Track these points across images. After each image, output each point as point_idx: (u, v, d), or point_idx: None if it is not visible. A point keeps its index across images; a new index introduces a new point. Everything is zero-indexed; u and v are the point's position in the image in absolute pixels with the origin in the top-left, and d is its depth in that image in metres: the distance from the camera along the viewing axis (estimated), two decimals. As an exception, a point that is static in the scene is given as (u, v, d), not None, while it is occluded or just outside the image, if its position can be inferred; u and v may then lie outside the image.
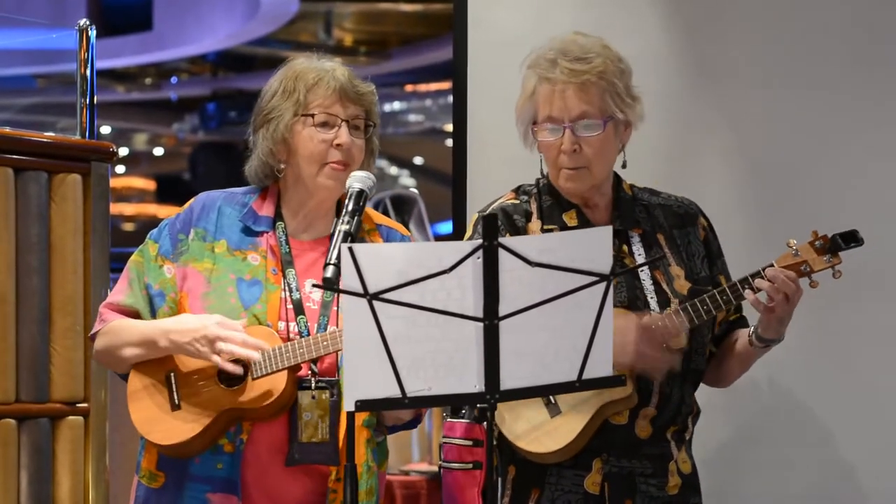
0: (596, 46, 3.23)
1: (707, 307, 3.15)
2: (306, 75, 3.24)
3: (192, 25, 14.51)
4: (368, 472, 3.18)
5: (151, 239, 3.30)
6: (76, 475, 4.06)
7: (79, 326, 4.06)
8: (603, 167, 3.24)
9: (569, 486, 3.20)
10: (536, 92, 3.23)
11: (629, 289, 3.22)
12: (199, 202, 3.31)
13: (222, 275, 3.20)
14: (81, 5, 13.41)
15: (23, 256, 3.99)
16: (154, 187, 16.21)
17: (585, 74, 3.18)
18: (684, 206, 3.36)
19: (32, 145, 4.08)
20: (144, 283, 3.24)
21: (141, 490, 3.25)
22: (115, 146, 4.28)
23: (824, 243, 3.15)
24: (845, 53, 3.97)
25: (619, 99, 3.21)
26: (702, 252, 3.32)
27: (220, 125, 15.35)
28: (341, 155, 3.20)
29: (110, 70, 14.57)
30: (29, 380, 3.99)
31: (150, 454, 3.22)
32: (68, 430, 4.06)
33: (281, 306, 3.18)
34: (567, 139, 3.19)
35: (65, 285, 4.06)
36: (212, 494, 3.13)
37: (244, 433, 3.13)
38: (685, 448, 3.28)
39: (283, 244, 3.24)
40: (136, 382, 3.20)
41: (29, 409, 3.99)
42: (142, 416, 3.18)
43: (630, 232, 3.28)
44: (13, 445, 3.95)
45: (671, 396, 3.22)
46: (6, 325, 3.94)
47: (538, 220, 3.28)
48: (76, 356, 4.07)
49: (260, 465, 3.14)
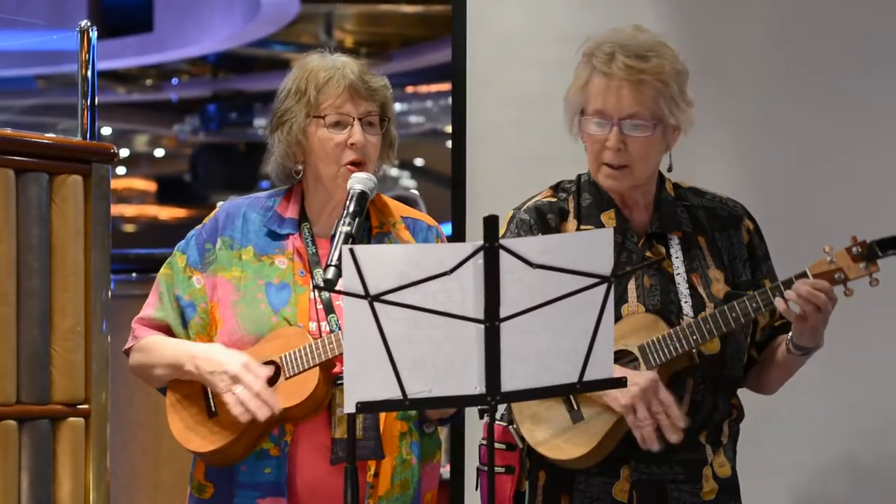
0: (656, 44, 3.17)
1: (735, 314, 3.09)
2: (317, 74, 3.23)
3: (193, 27, 14.51)
4: (403, 465, 3.18)
5: (179, 250, 3.31)
6: (77, 477, 4.06)
7: (80, 328, 4.05)
8: (645, 168, 3.19)
9: (597, 494, 3.17)
10: (590, 83, 3.17)
11: (663, 293, 3.17)
12: (223, 211, 3.32)
13: (251, 281, 3.21)
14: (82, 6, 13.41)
15: (23, 258, 3.99)
16: (155, 188, 16.20)
17: (643, 73, 3.13)
18: (728, 209, 3.30)
19: (33, 146, 4.07)
20: (175, 295, 3.26)
21: (192, 502, 3.27)
22: (116, 147, 4.27)
23: (861, 250, 3.06)
24: (846, 53, 3.97)
25: (673, 102, 3.15)
26: (744, 255, 3.26)
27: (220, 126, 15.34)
28: (356, 154, 3.20)
29: (111, 71, 14.57)
30: (29, 381, 3.98)
31: (200, 466, 3.25)
32: (69, 432, 4.05)
33: (311, 307, 3.19)
34: (614, 135, 3.14)
35: (65, 287, 4.05)
36: (262, 500, 3.14)
37: (287, 435, 3.14)
38: (723, 451, 3.22)
39: (310, 245, 3.24)
40: (174, 395, 3.24)
41: (29, 411, 3.98)
42: (180, 427, 3.20)
43: (669, 235, 3.23)
44: (14, 447, 3.94)
45: (702, 404, 3.17)
46: (7, 327, 3.94)
47: (574, 220, 3.24)
48: (77, 358, 4.06)
49: (306, 466, 3.15)
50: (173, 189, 15.82)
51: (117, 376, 3.44)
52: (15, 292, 3.96)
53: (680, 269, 3.19)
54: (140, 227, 15.43)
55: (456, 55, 4.28)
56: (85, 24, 4.35)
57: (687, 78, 3.21)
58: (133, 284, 6.09)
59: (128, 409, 5.76)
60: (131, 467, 5.56)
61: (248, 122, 14.87)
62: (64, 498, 4.03)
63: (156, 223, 15.25)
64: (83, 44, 4.33)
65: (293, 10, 14.24)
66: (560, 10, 4.17)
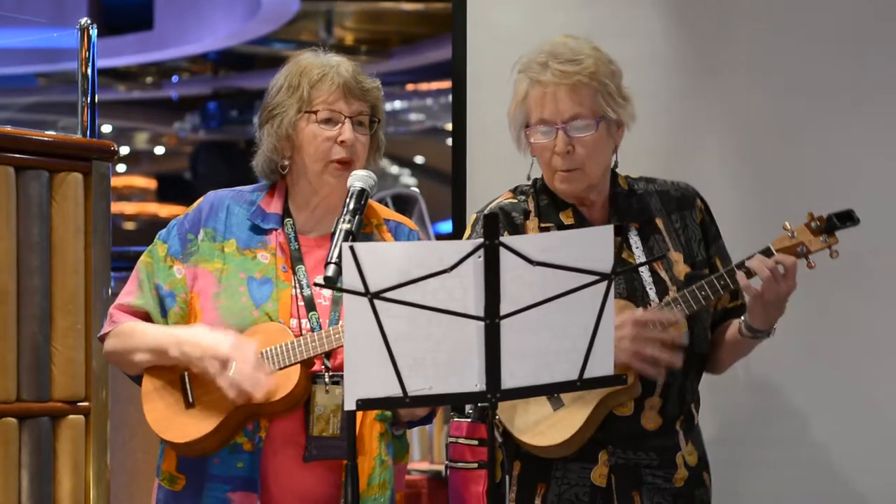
0: (586, 48, 3.24)
1: (705, 293, 3.15)
2: (311, 71, 3.24)
3: (193, 25, 14.52)
4: (381, 465, 3.18)
5: (160, 239, 3.30)
6: (77, 474, 4.06)
7: (80, 325, 4.05)
8: (597, 167, 3.24)
9: (575, 480, 3.20)
10: (528, 95, 3.23)
11: (627, 281, 3.22)
12: (207, 201, 3.31)
13: (233, 274, 3.20)
14: (82, 4, 13.41)
15: (24, 255, 3.99)
16: (155, 186, 16.22)
17: (577, 76, 3.19)
18: (681, 190, 3.37)
19: (33, 144, 4.08)
20: (154, 283, 3.24)
21: (161, 493, 3.25)
22: (116, 145, 4.28)
23: (820, 224, 3.15)
24: (846, 52, 3.97)
25: (611, 99, 3.21)
26: (698, 235, 3.33)
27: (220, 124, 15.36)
28: (345, 152, 3.20)
29: (111, 69, 14.58)
30: (30, 379, 3.99)
31: (170, 457, 3.23)
32: (69, 429, 4.06)
33: (292, 303, 3.19)
34: (560, 140, 3.20)
35: (66, 284, 4.06)
36: (232, 494, 3.13)
37: (262, 430, 3.13)
38: (692, 439, 3.27)
39: (292, 241, 3.24)
40: (151, 383, 3.20)
41: (30, 408, 3.99)
42: (156, 416, 3.18)
43: (627, 227, 3.28)
44: (14, 444, 3.95)
45: (674, 384, 3.21)
46: (7, 324, 3.94)
47: (535, 218, 3.29)
48: (77, 355, 4.07)
49: (279, 462, 3.15)
50: (173, 186, 15.83)
51: (118, 374, 3.42)
52: (15, 290, 3.96)
53: (641, 258, 3.25)
54: (140, 225, 15.44)
55: (456, 53, 4.28)
56: (85, 21, 4.36)
57: (621, 77, 3.27)
58: (133, 282, 6.09)
59: (128, 406, 5.76)
60: (131, 465, 5.55)
61: (249, 119, 14.88)
62: (64, 495, 4.03)
63: (156, 221, 15.26)
64: (83, 41, 4.33)
65: (293, 7, 14.25)
66: (560, 9, 4.17)
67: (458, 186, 4.23)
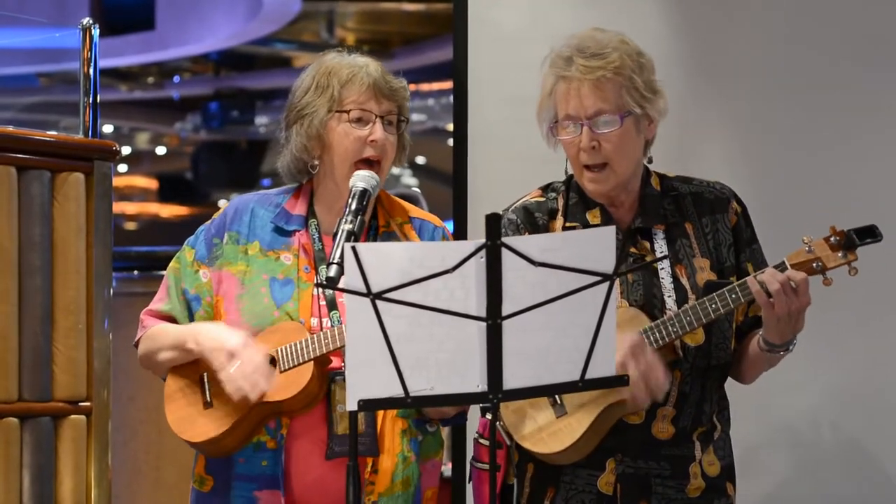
0: (613, 41, 3.21)
1: (715, 305, 3.10)
2: (340, 71, 3.25)
3: (195, 25, 14.51)
4: (404, 462, 3.19)
5: (188, 245, 3.36)
6: (78, 474, 4.06)
7: (81, 325, 4.05)
8: (625, 164, 3.20)
9: (582, 486, 3.19)
10: (554, 91, 3.22)
11: (646, 287, 3.19)
12: (231, 206, 3.35)
13: (255, 276, 3.24)
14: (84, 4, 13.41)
15: (25, 255, 3.99)
16: (156, 186, 16.20)
17: (600, 70, 3.16)
18: (715, 191, 3.31)
19: (35, 144, 4.07)
20: (181, 288, 3.29)
21: (193, 495, 3.33)
22: (118, 145, 4.27)
23: (840, 239, 3.08)
24: (848, 54, 3.97)
25: (638, 93, 3.18)
26: (729, 240, 3.26)
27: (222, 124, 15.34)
28: (375, 151, 3.22)
29: (113, 69, 14.56)
30: (31, 379, 3.99)
31: (200, 459, 3.28)
32: (71, 429, 4.06)
33: (313, 303, 3.21)
34: (585, 136, 3.17)
35: (67, 284, 4.05)
36: (258, 492, 3.17)
37: (284, 428, 3.16)
38: (713, 449, 3.23)
39: (316, 241, 3.26)
40: (172, 385, 3.26)
41: (31, 408, 3.98)
42: (175, 417, 3.23)
43: (654, 228, 3.24)
44: (15, 444, 3.95)
45: (690, 395, 3.18)
46: (8, 324, 3.94)
47: (562, 218, 3.26)
48: (79, 355, 4.06)
49: (302, 460, 3.17)
50: (175, 187, 15.81)
51: (119, 374, 3.44)
52: (17, 290, 3.96)
53: (664, 262, 3.21)
54: (142, 225, 15.43)
55: (457, 53, 4.28)
56: (87, 21, 4.35)
57: (653, 70, 3.23)
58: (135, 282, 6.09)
59: (129, 406, 5.77)
60: (133, 465, 5.56)
61: (250, 120, 14.87)
62: (65, 495, 4.03)
63: (157, 221, 15.26)
64: (85, 41, 4.33)
65: (295, 8, 14.24)
66: (560, 10, 4.17)
67: (459, 187, 4.24)
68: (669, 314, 3.14)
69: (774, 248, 3.31)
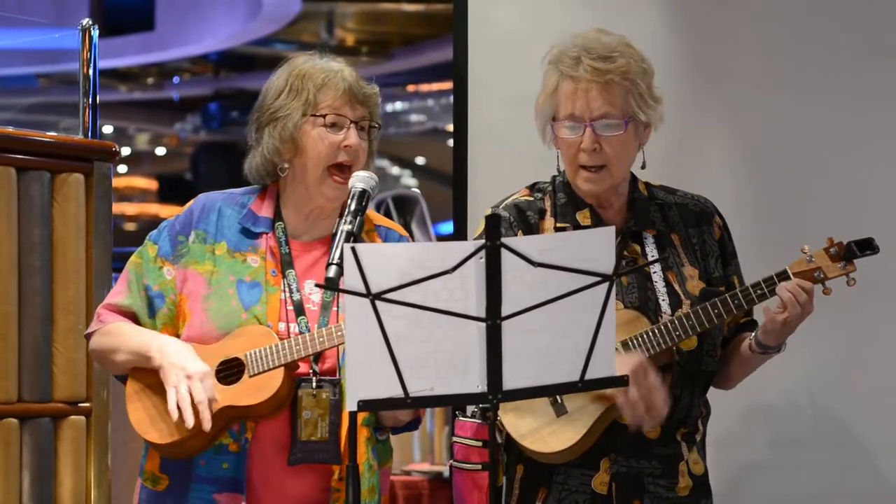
0: (620, 45, 3.21)
1: (718, 310, 3.12)
2: (314, 75, 3.24)
3: (194, 25, 14.51)
4: (370, 470, 3.18)
5: (150, 240, 3.30)
6: (78, 475, 4.06)
7: (81, 326, 4.05)
8: (622, 167, 3.23)
9: (576, 486, 3.19)
10: (559, 89, 3.21)
11: (640, 290, 3.20)
12: (198, 204, 3.31)
13: (223, 277, 3.21)
14: (83, 5, 13.41)
15: (25, 256, 3.99)
16: (156, 187, 16.19)
17: (609, 74, 3.16)
18: (700, 205, 3.34)
19: (35, 145, 4.08)
20: (143, 284, 3.25)
21: (144, 493, 3.25)
22: (118, 146, 4.28)
23: (839, 250, 3.13)
24: (848, 55, 3.97)
25: (642, 100, 3.19)
26: (716, 252, 3.30)
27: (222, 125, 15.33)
28: (348, 156, 3.21)
29: (112, 70, 14.56)
30: (31, 379, 3.99)
31: (153, 457, 3.23)
32: (70, 430, 4.06)
33: (281, 307, 3.19)
34: (588, 137, 3.18)
35: (67, 285, 4.06)
36: (218, 495, 3.13)
37: (248, 432, 3.13)
38: (697, 449, 3.26)
39: (283, 245, 3.24)
40: (135, 384, 3.21)
41: (31, 409, 3.99)
42: (139, 417, 3.19)
43: (644, 233, 3.26)
44: (15, 445, 3.95)
45: (681, 399, 3.20)
46: (8, 325, 3.94)
47: (552, 218, 3.27)
48: (78, 356, 4.07)
49: (265, 464, 3.15)
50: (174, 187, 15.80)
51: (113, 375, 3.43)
52: (16, 291, 3.96)
53: (656, 266, 3.23)
54: (141, 226, 15.40)
55: (457, 54, 4.28)
56: (86, 22, 4.36)
57: (653, 77, 3.25)
58: (134, 283, 6.08)
59: (128, 407, 5.76)
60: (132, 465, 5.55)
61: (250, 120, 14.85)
62: (65, 495, 4.03)
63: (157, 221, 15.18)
64: (85, 42, 4.34)
65: (295, 8, 14.24)
66: (561, 9, 4.17)
67: (458, 187, 4.24)
68: (670, 317, 3.15)
69: (774, 247, 3.32)
